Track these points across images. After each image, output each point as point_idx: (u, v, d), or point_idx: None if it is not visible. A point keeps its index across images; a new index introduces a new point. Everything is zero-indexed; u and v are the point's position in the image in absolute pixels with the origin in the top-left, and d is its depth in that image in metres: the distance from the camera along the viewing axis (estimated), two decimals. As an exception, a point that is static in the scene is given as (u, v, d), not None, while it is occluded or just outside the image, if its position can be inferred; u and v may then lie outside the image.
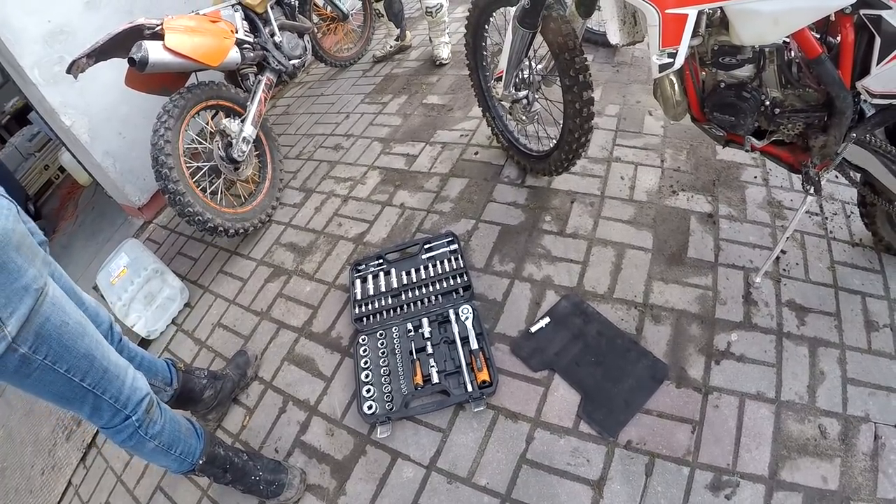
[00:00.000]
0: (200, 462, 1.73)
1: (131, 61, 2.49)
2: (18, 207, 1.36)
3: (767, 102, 1.59)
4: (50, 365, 1.33)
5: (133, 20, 2.60)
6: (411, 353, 2.12)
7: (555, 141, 2.46)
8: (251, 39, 3.17)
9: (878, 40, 1.28)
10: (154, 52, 2.51)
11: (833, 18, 1.37)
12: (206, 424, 2.19)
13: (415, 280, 2.39)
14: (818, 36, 1.42)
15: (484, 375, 1.94)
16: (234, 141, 2.90)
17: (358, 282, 2.46)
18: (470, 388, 1.93)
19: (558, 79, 2.19)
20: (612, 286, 2.15)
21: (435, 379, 2.00)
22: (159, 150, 2.53)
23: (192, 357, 2.56)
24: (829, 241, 2.13)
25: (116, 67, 2.68)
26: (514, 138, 2.81)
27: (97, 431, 2.43)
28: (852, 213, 2.20)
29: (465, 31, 2.72)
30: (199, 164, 2.90)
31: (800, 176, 1.71)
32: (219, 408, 2.21)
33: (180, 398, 2.04)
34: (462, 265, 2.36)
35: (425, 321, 2.19)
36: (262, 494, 1.85)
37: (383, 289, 2.40)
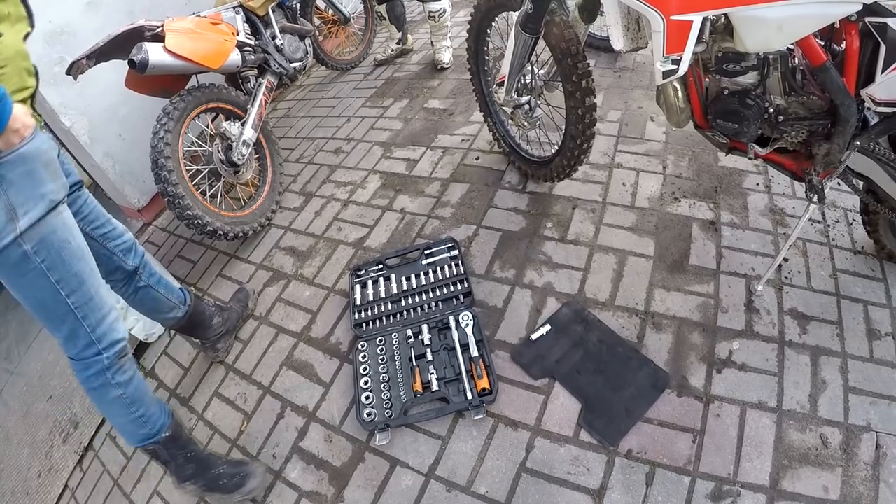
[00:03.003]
0: (165, 435, 1.78)
1: (131, 63, 2.49)
2: (60, 151, 1.61)
3: (771, 110, 1.58)
4: (44, 270, 1.48)
5: (134, 21, 2.60)
6: (411, 359, 2.10)
7: (556, 146, 2.45)
8: (252, 42, 3.16)
9: (883, 48, 1.27)
10: (154, 53, 2.51)
11: (838, 26, 1.36)
12: (216, 355, 2.42)
13: (415, 286, 2.38)
14: (823, 43, 1.41)
15: (484, 383, 1.93)
16: (234, 144, 2.89)
17: (357, 287, 2.45)
18: (470, 396, 1.92)
19: (560, 84, 2.19)
20: (614, 293, 2.14)
21: (434, 386, 1.98)
22: (159, 152, 2.52)
23: (189, 360, 2.55)
24: (831, 248, 2.13)
25: (117, 69, 2.67)
26: (516, 143, 2.80)
27: (94, 435, 2.41)
28: (854, 220, 2.20)
29: (467, 35, 2.71)
30: (199, 167, 2.89)
31: (802, 184, 1.71)
32: (227, 336, 2.45)
33: (192, 321, 2.27)
34: (462, 271, 2.35)
35: (425, 328, 2.17)
36: (225, 489, 1.86)
37: (383, 294, 2.39)
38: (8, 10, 1.45)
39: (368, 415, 1.97)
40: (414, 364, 2.09)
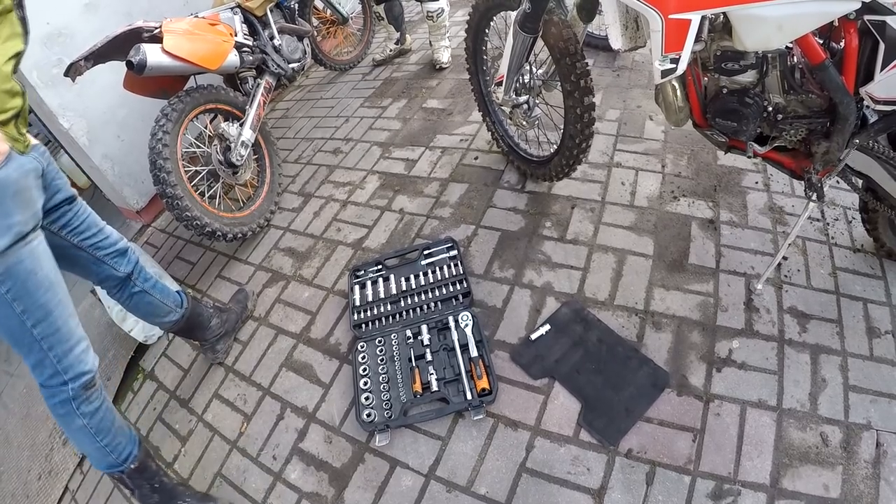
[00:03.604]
0: (132, 467, 1.79)
1: (129, 64, 2.48)
2: (46, 167, 1.61)
3: (770, 108, 1.58)
4: (9, 300, 1.47)
5: (132, 23, 2.59)
6: (410, 360, 2.10)
7: (555, 146, 2.45)
8: (250, 43, 3.15)
9: (882, 46, 1.27)
10: (152, 55, 2.50)
11: (837, 24, 1.36)
12: (216, 356, 2.42)
13: (414, 286, 2.38)
14: (822, 42, 1.41)
15: (483, 383, 1.92)
16: (232, 145, 2.88)
17: (357, 288, 2.45)
18: (469, 396, 1.91)
19: (559, 83, 2.19)
20: (613, 293, 2.14)
21: (434, 386, 1.98)
22: (157, 153, 2.52)
23: (189, 362, 2.55)
24: (830, 247, 2.13)
25: (115, 70, 2.67)
26: (515, 143, 2.80)
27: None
28: (854, 218, 2.19)
29: (466, 34, 2.71)
30: (198, 168, 2.88)
31: (802, 182, 1.70)
32: (226, 337, 2.46)
33: (190, 323, 2.26)
34: (462, 271, 2.34)
35: (424, 328, 2.17)
36: None
37: (382, 295, 2.39)
38: None
39: (368, 416, 1.97)
40: (413, 364, 2.08)
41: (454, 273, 2.36)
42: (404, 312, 2.30)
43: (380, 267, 2.50)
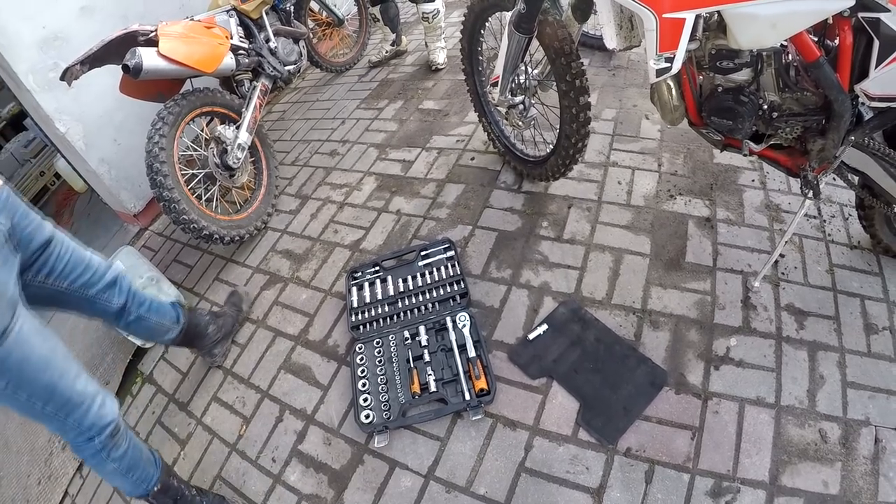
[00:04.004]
0: (155, 489, 1.80)
1: (125, 68, 2.48)
2: (14, 221, 1.55)
3: (765, 106, 1.59)
4: (11, 393, 1.44)
5: (127, 26, 2.60)
6: (408, 361, 2.10)
7: (551, 146, 2.45)
8: (246, 45, 3.15)
9: (876, 43, 1.28)
10: (148, 58, 2.50)
11: (831, 21, 1.36)
12: (214, 360, 2.42)
13: (411, 287, 2.37)
14: (816, 39, 1.41)
15: (482, 383, 1.92)
16: (229, 147, 2.88)
17: (354, 289, 2.44)
18: (468, 397, 1.91)
19: (555, 83, 2.19)
20: (611, 292, 2.14)
21: (432, 387, 1.98)
22: (154, 157, 2.52)
23: (188, 365, 2.54)
24: (827, 244, 2.13)
25: (111, 74, 2.67)
26: (511, 143, 2.80)
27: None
28: (850, 215, 2.20)
29: (461, 35, 2.71)
30: (195, 171, 2.88)
31: (798, 179, 1.71)
32: (223, 342, 2.45)
33: (188, 335, 2.26)
34: (459, 272, 2.34)
35: (422, 329, 2.17)
36: None
37: (380, 296, 2.38)
38: None
39: (367, 417, 1.97)
40: (412, 365, 2.08)
41: (451, 274, 2.36)
42: (402, 314, 2.30)
43: (377, 268, 2.50)
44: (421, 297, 2.33)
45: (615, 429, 1.74)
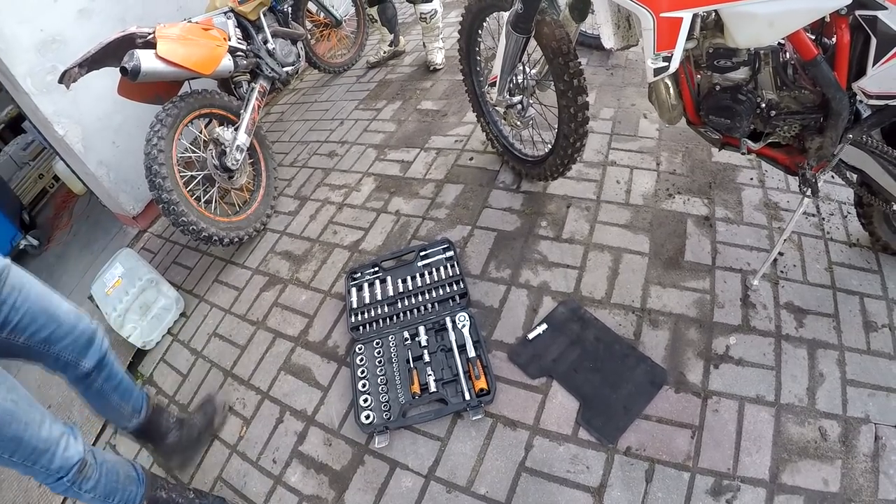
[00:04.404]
0: None
1: (123, 70, 2.48)
2: None
3: (763, 105, 1.59)
4: None
5: (125, 29, 2.60)
6: (408, 361, 2.10)
7: (550, 146, 2.45)
8: (244, 47, 3.16)
9: (873, 41, 1.28)
10: (146, 60, 2.50)
11: (828, 20, 1.36)
12: (169, 465, 2.16)
13: (411, 288, 2.37)
14: (813, 37, 1.41)
15: (482, 383, 1.92)
16: (227, 149, 2.88)
17: (354, 290, 2.44)
18: (468, 397, 1.91)
19: (552, 83, 2.19)
20: (610, 291, 2.14)
21: (432, 387, 1.98)
22: (152, 159, 2.52)
23: (188, 367, 2.54)
24: (826, 242, 2.13)
25: (109, 76, 2.67)
26: (509, 143, 2.80)
27: (94, 443, 2.40)
28: (849, 213, 2.20)
29: (459, 36, 2.72)
30: (193, 173, 2.89)
31: (796, 178, 1.71)
32: (180, 454, 2.13)
33: (145, 431, 2.05)
34: (458, 272, 2.34)
35: (422, 329, 2.17)
36: None
37: (379, 297, 2.38)
38: None
39: (367, 417, 1.97)
40: (411, 366, 2.08)
41: (451, 274, 2.36)
42: (401, 314, 2.30)
43: (376, 269, 2.50)
44: (420, 298, 2.33)
45: (615, 428, 1.74)
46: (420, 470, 1.83)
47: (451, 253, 2.44)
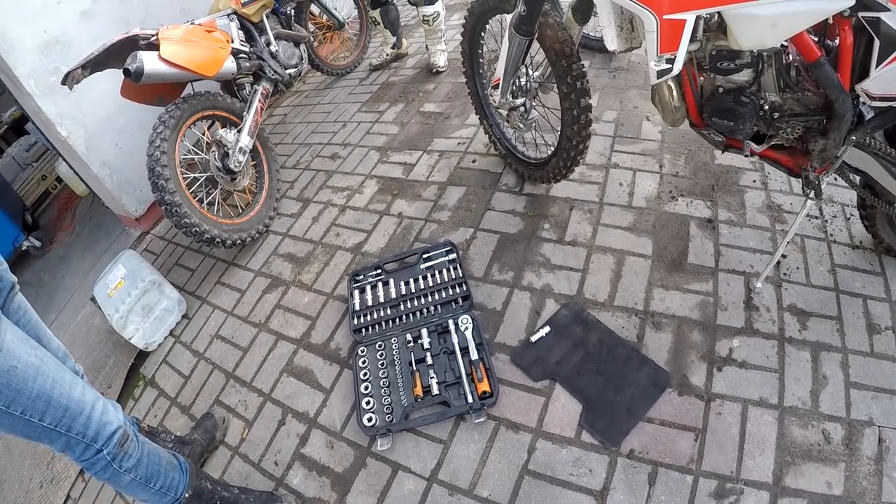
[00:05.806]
0: (186, 496, 1.70)
1: (126, 72, 2.49)
2: None
3: (766, 107, 1.59)
4: (4, 409, 1.34)
5: (128, 31, 2.60)
6: (411, 364, 2.10)
7: (553, 148, 2.45)
8: (247, 49, 3.16)
9: (876, 43, 1.27)
10: (149, 62, 2.51)
11: (831, 21, 1.36)
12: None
13: (413, 290, 2.37)
14: (816, 39, 1.41)
15: (484, 386, 1.92)
16: (230, 151, 2.89)
17: (356, 292, 2.44)
18: (470, 399, 1.91)
19: (555, 86, 2.19)
20: (613, 294, 2.14)
21: (435, 390, 1.98)
22: (155, 161, 2.52)
23: (190, 369, 2.54)
24: (829, 244, 2.13)
25: (113, 78, 2.67)
26: (512, 146, 2.80)
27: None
28: (852, 215, 2.20)
29: (462, 38, 2.72)
30: (196, 175, 2.89)
31: (799, 180, 1.71)
32: None
33: None
34: (461, 275, 2.34)
35: (424, 332, 2.17)
36: None
37: (382, 299, 2.38)
38: None
39: (369, 420, 1.97)
40: (414, 368, 2.08)
41: (453, 276, 2.35)
42: (404, 316, 2.30)
43: (379, 271, 2.50)
44: (423, 300, 2.33)
45: (618, 431, 1.74)
46: (422, 473, 1.83)
47: (453, 255, 2.44)
